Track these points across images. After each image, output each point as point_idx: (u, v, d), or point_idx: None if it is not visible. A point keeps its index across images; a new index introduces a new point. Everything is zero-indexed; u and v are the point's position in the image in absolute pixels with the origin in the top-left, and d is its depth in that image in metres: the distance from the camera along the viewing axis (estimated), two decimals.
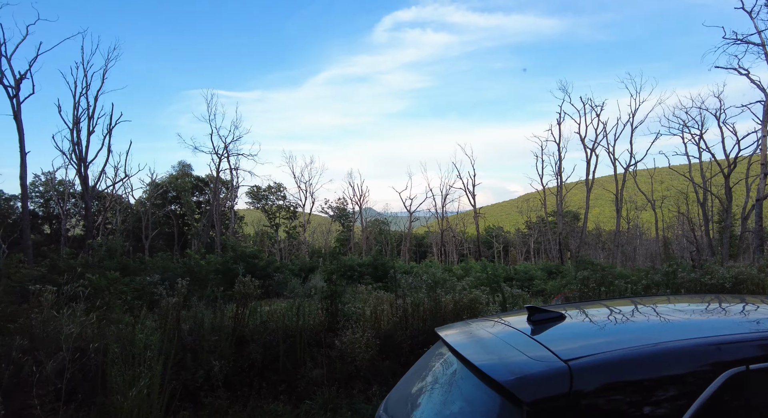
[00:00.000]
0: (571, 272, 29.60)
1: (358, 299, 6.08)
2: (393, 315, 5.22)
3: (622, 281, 5.70)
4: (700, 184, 36.47)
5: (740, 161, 34.07)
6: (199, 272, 19.36)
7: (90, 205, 23.66)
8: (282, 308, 6.77)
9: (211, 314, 5.48)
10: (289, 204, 56.74)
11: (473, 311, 4.99)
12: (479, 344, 1.78)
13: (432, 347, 2.18)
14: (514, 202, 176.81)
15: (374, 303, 5.42)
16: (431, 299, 5.16)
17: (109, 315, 5.35)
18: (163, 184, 53.10)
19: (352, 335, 4.57)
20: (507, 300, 5.38)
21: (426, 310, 5.09)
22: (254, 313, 5.51)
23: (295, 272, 30.60)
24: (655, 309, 2.19)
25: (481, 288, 5.98)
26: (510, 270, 33.27)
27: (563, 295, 16.96)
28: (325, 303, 5.63)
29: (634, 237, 66.76)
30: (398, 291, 5.37)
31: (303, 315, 5.29)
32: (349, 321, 5.19)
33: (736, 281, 5.82)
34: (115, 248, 20.13)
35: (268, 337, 5.37)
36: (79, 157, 23.64)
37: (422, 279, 5.66)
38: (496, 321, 2.12)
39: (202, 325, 5.30)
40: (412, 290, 5.55)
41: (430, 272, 10.47)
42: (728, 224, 34.26)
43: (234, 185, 49.25)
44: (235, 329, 5.24)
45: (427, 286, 5.48)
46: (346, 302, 5.60)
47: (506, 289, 5.81)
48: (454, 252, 67.23)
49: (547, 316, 1.92)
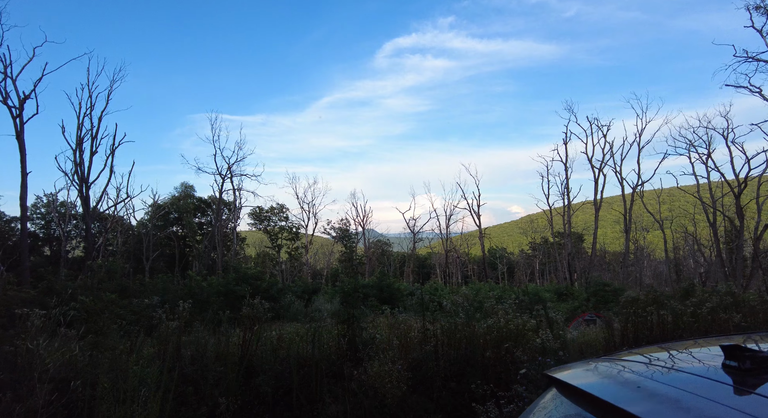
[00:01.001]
0: (582, 294, 28.82)
1: (377, 324, 5.51)
2: (425, 343, 4.63)
3: (678, 303, 5.13)
4: (709, 204, 35.94)
5: (750, 181, 33.64)
6: (200, 294, 18.76)
7: (90, 226, 23.22)
8: (291, 333, 6.21)
9: (215, 340, 4.92)
10: (291, 225, 56.29)
11: (519, 340, 4.39)
12: (663, 402, 1.15)
13: (543, 398, 1.58)
14: (516, 224, 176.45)
15: (403, 330, 4.84)
16: (467, 326, 4.58)
17: (103, 341, 4.79)
18: (166, 205, 52.83)
19: (380, 366, 3.99)
20: (552, 326, 4.81)
21: (462, 337, 4.50)
22: (264, 339, 4.95)
23: (298, 293, 29.87)
24: None
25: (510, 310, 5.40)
26: (519, 292, 32.46)
27: (582, 317, 16.24)
28: (342, 328, 5.06)
29: (641, 258, 65.85)
30: (427, 315, 4.81)
31: (319, 342, 4.72)
32: (371, 349, 4.62)
33: None
34: (115, 269, 19.56)
35: (279, 367, 4.80)
36: (81, 177, 23.35)
37: (456, 302, 5.10)
38: (653, 362, 1.53)
39: (206, 353, 4.73)
40: (444, 314, 5.00)
41: (462, 293, 9.76)
42: (740, 244, 33.59)
43: (237, 206, 48.92)
44: (242, 357, 4.67)
45: (463, 310, 4.92)
46: (364, 326, 5.04)
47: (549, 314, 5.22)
48: (458, 273, 66.21)
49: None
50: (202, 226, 54.42)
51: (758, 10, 21.22)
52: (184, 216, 52.36)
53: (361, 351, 4.71)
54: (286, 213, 55.69)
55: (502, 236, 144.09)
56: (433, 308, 5.19)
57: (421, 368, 4.43)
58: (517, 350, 4.17)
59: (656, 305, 4.95)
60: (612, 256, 75.93)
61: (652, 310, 4.68)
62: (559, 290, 31.67)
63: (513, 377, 3.97)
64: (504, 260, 79.29)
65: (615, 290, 26.83)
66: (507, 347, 4.26)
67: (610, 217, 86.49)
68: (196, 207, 54.45)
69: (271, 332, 6.03)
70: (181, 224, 53.78)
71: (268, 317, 5.02)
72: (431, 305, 5.31)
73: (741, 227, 34.06)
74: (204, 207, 54.93)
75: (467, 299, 5.57)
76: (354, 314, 4.96)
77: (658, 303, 5.15)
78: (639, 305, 4.83)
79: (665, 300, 5.31)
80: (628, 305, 4.92)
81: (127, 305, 6.31)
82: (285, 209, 55.85)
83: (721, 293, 8.19)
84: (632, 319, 4.70)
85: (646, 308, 4.74)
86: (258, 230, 61.66)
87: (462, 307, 5.02)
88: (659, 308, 4.89)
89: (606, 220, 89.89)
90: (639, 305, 4.79)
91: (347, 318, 4.99)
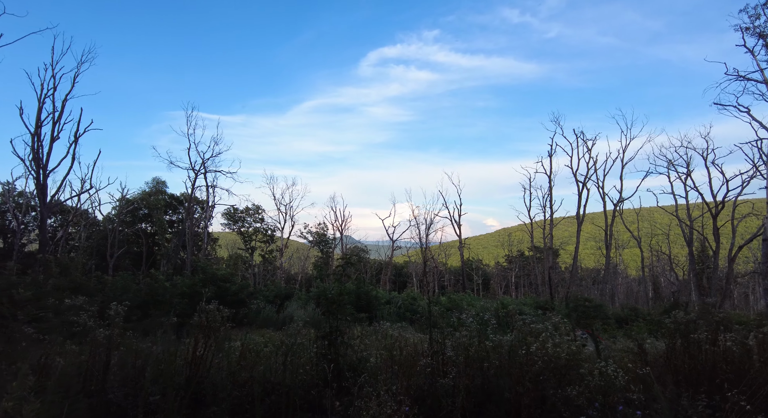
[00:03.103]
0: (562, 309, 28.32)
1: (365, 339, 4.47)
2: (437, 374, 3.57)
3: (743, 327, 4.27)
4: (687, 223, 36.28)
5: (728, 202, 34.10)
6: (162, 295, 17.26)
7: (46, 217, 21.34)
8: (259, 345, 5.09)
9: (159, 355, 3.78)
10: (266, 227, 54.52)
11: (568, 373, 3.33)
12: None
13: None
14: (492, 236, 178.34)
15: (408, 352, 3.78)
16: (497, 350, 3.55)
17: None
18: (135, 200, 50.41)
19: (378, 408, 2.89)
20: (600, 351, 3.85)
21: (491, 366, 3.46)
22: (224, 354, 3.84)
23: (270, 298, 28.42)
24: None
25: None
26: (497, 304, 31.82)
27: (583, 332, 15.47)
28: (323, 346, 4.00)
29: (615, 275, 66.73)
30: (434, 333, 3.78)
31: (293, 364, 3.64)
32: (361, 375, 3.58)
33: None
34: (68, 264, 17.83)
35: (238, 393, 3.69)
36: (38, 164, 21.46)
37: (475, 315, 4.10)
38: None
39: (143, 373, 3.59)
40: (459, 329, 4.00)
41: (478, 305, 8.54)
42: (716, 264, 33.89)
43: (210, 205, 46.99)
44: (189, 380, 3.55)
45: (480, 323, 3.91)
46: (350, 342, 4.00)
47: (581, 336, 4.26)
48: (435, 283, 65.53)
49: None
50: (173, 224, 52.20)
51: (748, 31, 21.38)
52: (154, 213, 50.13)
53: (347, 377, 3.66)
54: (262, 214, 53.93)
55: (478, 248, 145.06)
56: (419, 314, 4.19)
57: (425, 401, 3.40)
58: (570, 387, 3.17)
59: (718, 327, 4.02)
60: (585, 272, 76.78)
61: (710, 335, 3.74)
62: (538, 304, 31.16)
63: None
64: (480, 271, 79.25)
65: (595, 305, 26.43)
66: (554, 381, 3.25)
67: (584, 233, 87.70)
68: (167, 204, 52.23)
69: (234, 343, 4.90)
70: (150, 221, 51.45)
71: (227, 328, 3.91)
72: (433, 315, 4.33)
73: (717, 248, 34.41)
74: (176, 204, 52.75)
75: (483, 311, 4.52)
76: (338, 327, 3.91)
77: (724, 326, 4.23)
78: (689, 326, 3.88)
79: (727, 323, 4.43)
80: (677, 327, 3.98)
81: (55, 305, 5.09)
82: (261, 210, 54.11)
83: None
84: (682, 345, 3.79)
85: (702, 332, 3.84)
86: (232, 231, 59.62)
87: (483, 321, 4.03)
88: (725, 331, 3.98)
89: (581, 236, 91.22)
90: (689, 327, 3.85)
91: (329, 332, 3.95)
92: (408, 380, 3.39)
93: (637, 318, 25.83)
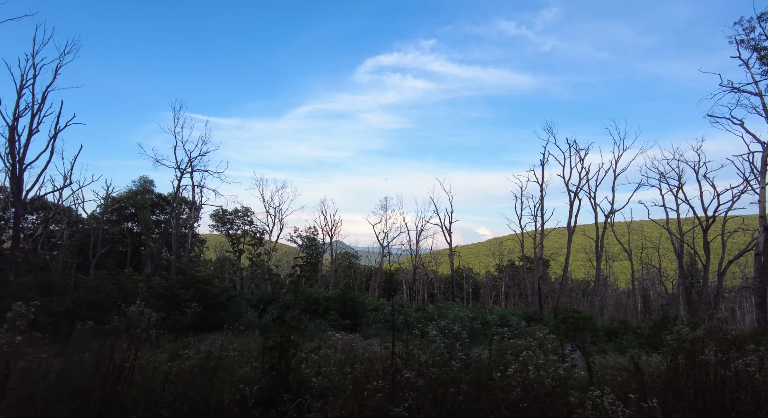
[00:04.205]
0: (551, 320, 27.89)
1: (326, 348, 3.91)
2: (396, 400, 3.00)
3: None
4: (677, 236, 36.11)
5: (719, 217, 34.00)
6: (136, 297, 16.55)
7: (20, 212, 20.50)
8: (204, 353, 4.50)
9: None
10: (255, 230, 53.65)
11: (555, 404, 2.79)
12: None
13: None
14: (483, 245, 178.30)
15: (360, 371, 3.20)
16: (466, 370, 3.00)
17: None
18: (121, 199, 49.40)
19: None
20: (595, 373, 3.33)
21: (460, 392, 2.88)
22: (143, 368, 3.26)
23: (253, 302, 27.70)
24: None
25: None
26: (485, 314, 31.30)
27: (573, 345, 14.91)
28: (272, 357, 3.43)
29: (605, 287, 66.60)
30: (397, 346, 3.20)
31: (221, 380, 3.07)
32: (312, 393, 3.02)
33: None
34: (38, 262, 17.08)
35: (167, 413, 3.10)
36: (14, 157, 20.65)
37: (442, 326, 3.54)
38: None
39: (32, 395, 2.99)
40: (418, 339, 3.46)
41: (452, 315, 8.01)
42: (706, 278, 33.69)
43: (197, 205, 46.14)
44: (104, 399, 2.96)
45: (450, 337, 3.34)
46: (304, 356, 3.43)
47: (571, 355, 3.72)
48: (425, 291, 64.90)
49: None
50: (159, 224, 51.17)
51: (742, 43, 21.30)
52: (140, 212, 49.14)
53: (296, 394, 3.10)
54: (251, 217, 53.08)
55: (468, 257, 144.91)
56: (400, 326, 3.64)
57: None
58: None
59: (730, 347, 3.49)
60: (574, 283, 76.65)
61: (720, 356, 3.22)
62: (527, 315, 30.68)
63: None
64: (470, 280, 78.83)
65: (585, 317, 26.04)
66: (536, 412, 2.70)
67: (574, 244, 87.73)
68: (154, 203, 51.26)
69: (188, 350, 4.31)
70: (137, 221, 50.43)
71: (153, 334, 3.34)
72: (399, 325, 3.80)
73: (707, 262, 34.22)
74: (163, 204, 51.76)
75: (459, 321, 3.95)
76: (290, 338, 3.34)
77: (736, 346, 3.69)
78: (696, 345, 3.37)
79: (741, 343, 3.92)
80: (681, 345, 3.46)
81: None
82: (250, 212, 53.26)
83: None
84: (686, 366, 3.28)
85: (710, 353, 3.33)
86: (220, 232, 58.68)
87: (453, 335, 3.46)
88: (736, 352, 3.45)
89: (573, 247, 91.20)
90: (696, 346, 3.34)
91: (280, 343, 3.38)
92: (361, 403, 2.84)
93: (627, 331, 25.45)
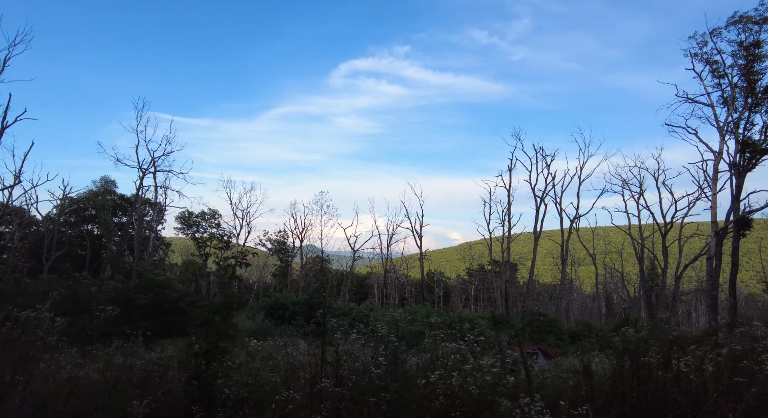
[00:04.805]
0: (518, 323, 28.30)
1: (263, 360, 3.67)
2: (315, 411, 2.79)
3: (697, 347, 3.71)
4: (638, 241, 37.39)
5: (677, 223, 35.42)
6: (86, 301, 15.70)
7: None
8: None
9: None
10: (222, 233, 52.36)
11: (482, 412, 2.63)
12: None
13: None
14: (455, 250, 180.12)
15: (279, 383, 2.98)
16: (394, 376, 2.86)
17: None
18: (81, 199, 47.31)
19: None
20: (531, 379, 3.22)
21: (384, 402, 2.72)
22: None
23: (215, 307, 26.85)
24: None
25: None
26: (454, 317, 31.49)
27: (524, 349, 15.06)
28: (198, 365, 3.19)
29: (571, 291, 68.22)
30: (328, 352, 3.04)
31: (125, 391, 2.80)
32: (225, 402, 2.79)
33: None
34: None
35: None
36: None
37: (369, 331, 3.38)
38: None
39: None
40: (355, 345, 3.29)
41: (388, 317, 7.91)
42: (664, 282, 34.99)
43: (162, 207, 44.69)
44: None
45: (377, 342, 3.19)
46: (235, 364, 3.20)
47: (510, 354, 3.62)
48: (396, 295, 64.82)
49: None
50: (122, 226, 49.21)
51: (696, 57, 22.32)
52: (101, 214, 47.10)
53: (209, 407, 2.86)
54: (218, 220, 51.77)
55: (441, 261, 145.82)
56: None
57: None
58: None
59: (671, 348, 3.43)
60: (542, 287, 78.26)
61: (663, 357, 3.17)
62: (494, 318, 31.02)
63: None
64: (441, 284, 79.29)
65: (550, 320, 26.53)
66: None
67: (541, 249, 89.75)
68: (116, 205, 49.27)
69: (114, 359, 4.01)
70: (97, 222, 48.32)
71: (52, 341, 3.04)
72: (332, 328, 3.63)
73: (665, 266, 35.54)
74: (126, 205, 49.83)
75: (394, 326, 3.79)
76: (219, 346, 3.10)
77: (678, 346, 3.62)
78: (641, 347, 3.32)
79: (681, 342, 3.87)
80: (626, 347, 3.42)
81: None
82: (218, 215, 51.97)
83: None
84: (630, 368, 3.24)
85: (653, 354, 3.29)
86: (186, 235, 56.98)
87: (379, 339, 3.31)
88: (679, 353, 3.38)
89: (538, 252, 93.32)
90: (641, 348, 3.29)
91: (207, 350, 3.13)
92: (282, 414, 2.66)
93: (590, 334, 26.06)
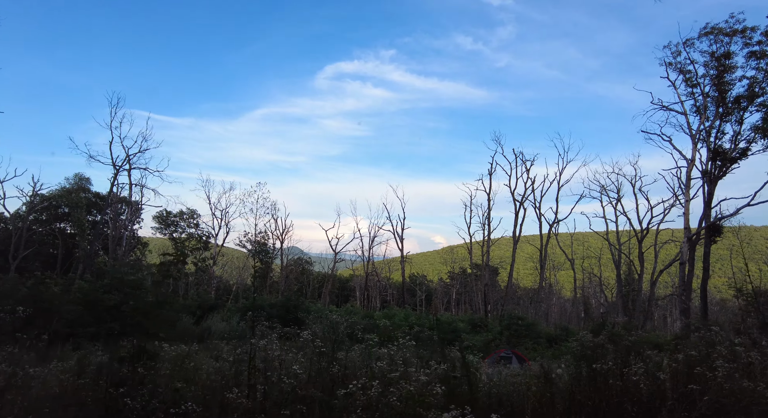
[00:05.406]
0: (496, 327, 28.32)
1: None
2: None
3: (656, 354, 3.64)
4: (616, 246, 37.96)
5: (653, 229, 36.09)
6: (49, 302, 15.09)
7: None
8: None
9: None
10: (201, 233, 51.37)
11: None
12: None
13: None
14: (438, 253, 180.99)
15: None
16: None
17: None
18: (53, 197, 45.83)
19: None
20: (474, 386, 3.01)
21: (304, 413, 2.42)
22: None
23: (192, 309, 26.33)
24: None
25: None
26: (433, 321, 31.39)
27: (498, 353, 14.97)
28: (126, 370, 2.91)
29: (550, 295, 68.86)
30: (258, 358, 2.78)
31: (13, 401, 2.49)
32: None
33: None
34: None
35: None
36: None
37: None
38: None
39: None
40: None
41: (325, 314, 7.81)
42: (641, 287, 35.56)
43: (138, 205, 43.61)
44: None
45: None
46: (161, 372, 2.93)
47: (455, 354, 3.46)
48: (378, 297, 64.58)
49: None
50: (96, 224, 47.85)
51: (671, 66, 22.77)
52: (74, 211, 45.68)
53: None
54: (197, 219, 50.80)
55: (423, 264, 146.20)
56: None
57: None
58: None
59: (629, 354, 3.33)
60: (522, 291, 78.91)
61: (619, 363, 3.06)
62: (473, 321, 31.05)
63: None
64: (423, 287, 79.31)
65: (528, 324, 26.60)
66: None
67: (522, 254, 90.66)
68: (91, 203, 47.88)
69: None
70: (70, 221, 46.88)
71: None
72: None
73: (641, 271, 36.13)
74: (101, 204, 48.46)
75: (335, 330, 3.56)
76: (144, 347, 2.84)
77: (635, 352, 3.53)
78: (598, 352, 3.20)
79: (639, 348, 3.77)
80: (585, 353, 3.30)
81: None
82: (196, 214, 50.98)
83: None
84: (588, 375, 3.11)
85: (609, 360, 3.17)
86: (164, 235, 55.72)
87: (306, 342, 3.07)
88: (635, 359, 3.29)
89: (519, 256, 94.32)
90: (598, 354, 3.17)
91: (135, 354, 2.86)
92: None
93: (568, 338, 26.25)
